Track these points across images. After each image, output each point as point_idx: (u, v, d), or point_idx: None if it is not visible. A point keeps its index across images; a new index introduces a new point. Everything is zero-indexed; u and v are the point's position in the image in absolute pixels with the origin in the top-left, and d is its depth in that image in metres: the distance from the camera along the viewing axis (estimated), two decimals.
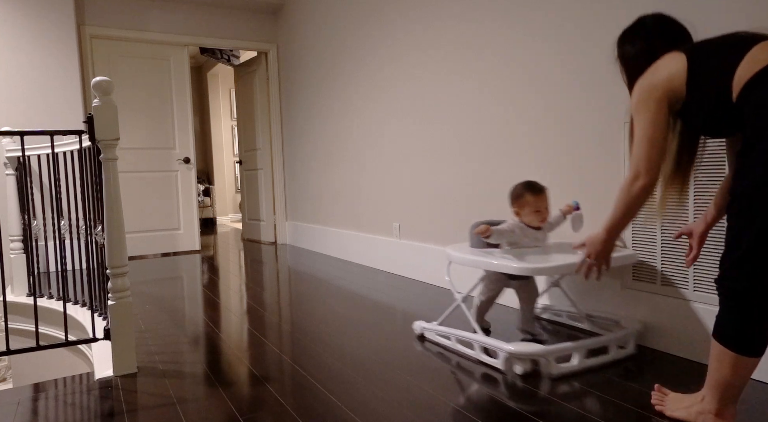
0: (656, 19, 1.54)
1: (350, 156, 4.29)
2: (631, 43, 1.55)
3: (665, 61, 1.40)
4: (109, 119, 1.92)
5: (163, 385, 1.87)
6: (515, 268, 1.87)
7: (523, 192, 2.08)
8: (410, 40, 3.43)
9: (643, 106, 1.41)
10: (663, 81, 1.37)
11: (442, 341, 2.18)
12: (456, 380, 1.84)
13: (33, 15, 4.26)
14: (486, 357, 1.95)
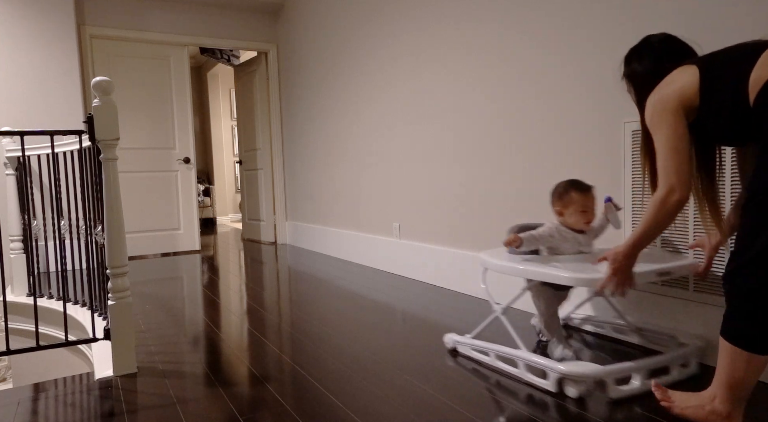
0: (663, 38, 1.57)
1: (350, 156, 4.29)
2: (638, 62, 1.58)
3: (676, 74, 1.42)
4: (109, 119, 1.92)
5: (163, 385, 1.87)
6: (566, 278, 1.62)
7: (569, 189, 1.88)
8: (410, 40, 3.43)
9: (660, 120, 1.40)
10: (676, 92, 1.39)
11: (477, 356, 1.98)
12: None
13: (33, 15, 4.27)
14: (531, 376, 1.74)
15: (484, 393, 1.71)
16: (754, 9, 1.69)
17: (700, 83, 1.35)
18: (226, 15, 5.35)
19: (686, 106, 1.38)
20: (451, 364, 1.97)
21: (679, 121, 1.38)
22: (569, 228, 1.88)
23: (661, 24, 1.97)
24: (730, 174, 1.73)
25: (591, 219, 1.88)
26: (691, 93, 1.36)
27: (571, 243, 1.89)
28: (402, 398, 1.69)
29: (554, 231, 1.88)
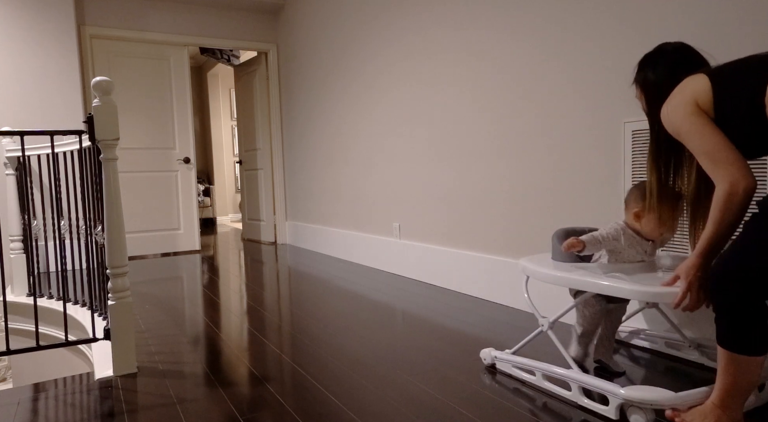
0: (677, 46, 1.55)
1: (350, 156, 4.29)
2: (652, 69, 1.55)
3: (687, 82, 1.41)
4: (109, 119, 1.92)
5: (163, 385, 1.87)
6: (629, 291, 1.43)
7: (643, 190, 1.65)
8: (411, 40, 3.43)
9: (687, 124, 1.36)
10: (691, 96, 1.37)
11: (521, 375, 1.78)
12: None
13: (33, 15, 4.27)
14: (586, 400, 1.56)
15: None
16: (747, 14, 1.69)
17: (712, 94, 1.34)
18: (226, 15, 5.35)
19: (702, 110, 1.36)
20: (453, 365, 1.97)
21: (704, 118, 1.34)
22: (637, 234, 1.67)
23: (662, 24, 1.97)
24: None
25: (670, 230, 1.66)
26: (703, 101, 1.35)
27: (636, 251, 1.69)
28: (402, 398, 1.69)
29: (620, 235, 1.67)
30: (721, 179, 1.28)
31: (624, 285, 1.45)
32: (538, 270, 1.71)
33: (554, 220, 2.48)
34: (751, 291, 1.21)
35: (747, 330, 1.24)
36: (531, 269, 1.74)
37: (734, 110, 1.30)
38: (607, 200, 2.22)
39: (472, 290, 2.99)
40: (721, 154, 1.29)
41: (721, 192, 1.28)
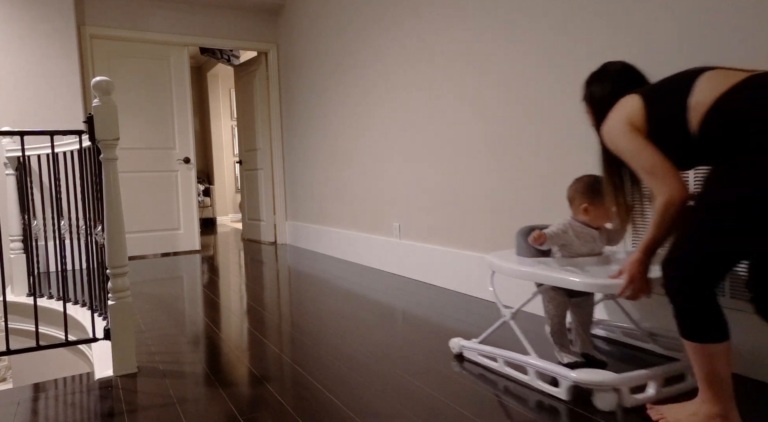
0: (620, 66, 1.66)
1: (350, 155, 4.29)
2: (597, 86, 1.67)
3: (622, 102, 1.51)
4: (109, 119, 1.92)
5: (163, 385, 1.87)
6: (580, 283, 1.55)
7: (591, 186, 1.79)
8: (410, 41, 3.43)
9: (621, 144, 1.48)
10: (625, 117, 1.47)
11: (486, 362, 1.92)
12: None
13: (33, 15, 4.27)
14: (540, 383, 1.69)
15: (490, 396, 1.71)
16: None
17: (645, 112, 1.44)
18: (226, 15, 5.35)
19: (637, 129, 1.46)
20: (453, 365, 1.97)
21: (640, 139, 1.44)
22: (583, 224, 1.81)
23: (650, 25, 1.97)
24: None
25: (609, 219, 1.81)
26: (636, 119, 1.45)
27: (584, 241, 1.80)
28: (402, 398, 1.69)
29: (568, 227, 1.81)
30: (659, 192, 1.40)
31: (575, 277, 1.58)
32: (502, 264, 1.85)
33: (554, 220, 2.48)
34: (697, 277, 1.29)
35: (703, 318, 1.29)
36: (496, 264, 1.88)
37: (664, 126, 1.41)
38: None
39: (473, 290, 2.99)
40: (657, 169, 1.40)
41: (660, 203, 1.39)
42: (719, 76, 1.32)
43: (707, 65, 1.40)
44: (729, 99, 1.27)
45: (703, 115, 1.30)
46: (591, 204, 1.78)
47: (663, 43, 1.97)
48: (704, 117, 1.30)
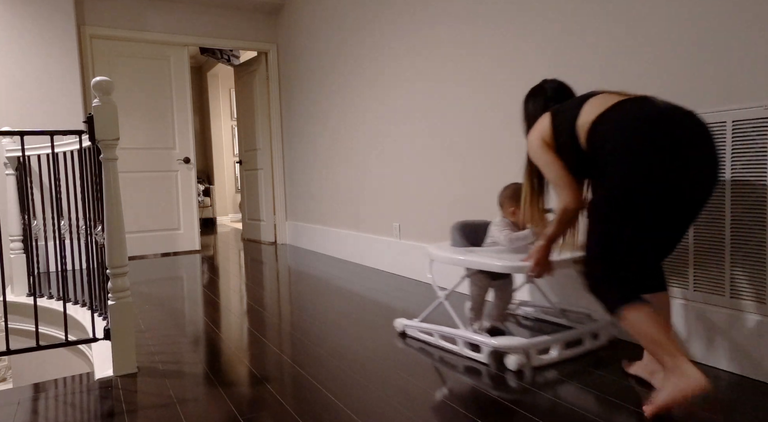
0: (554, 85, 1.91)
1: (350, 156, 4.29)
2: (532, 102, 1.93)
3: (540, 120, 1.78)
4: (109, 119, 1.92)
5: (163, 385, 1.87)
6: (500, 266, 1.93)
7: (517, 189, 2.10)
8: (410, 41, 3.43)
9: (536, 157, 1.76)
10: (538, 135, 1.75)
11: (424, 337, 2.24)
12: (447, 375, 1.87)
13: (33, 15, 4.27)
14: (470, 352, 2.03)
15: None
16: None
17: (551, 129, 1.71)
18: (226, 15, 5.35)
19: (548, 145, 1.73)
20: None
21: (548, 154, 1.72)
22: (514, 225, 2.14)
23: (653, 21, 1.97)
24: None
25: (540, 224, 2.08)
26: (547, 135, 1.73)
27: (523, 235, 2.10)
28: (402, 398, 1.69)
29: (505, 227, 2.13)
30: (560, 200, 1.71)
31: (494, 261, 1.95)
32: (438, 254, 2.17)
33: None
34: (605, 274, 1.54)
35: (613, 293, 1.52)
36: (434, 253, 2.20)
37: (563, 143, 1.67)
38: None
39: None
40: (560, 181, 1.70)
41: (560, 209, 1.72)
42: (600, 100, 1.59)
43: (597, 90, 1.70)
44: (600, 121, 1.55)
45: (586, 134, 1.58)
46: (517, 207, 2.10)
47: (666, 33, 1.97)
48: (587, 135, 1.58)
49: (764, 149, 1.67)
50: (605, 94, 1.62)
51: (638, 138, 1.45)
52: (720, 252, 1.81)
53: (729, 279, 1.80)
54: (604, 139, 1.52)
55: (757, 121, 1.68)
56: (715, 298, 1.84)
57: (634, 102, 1.53)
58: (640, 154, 1.45)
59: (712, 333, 1.86)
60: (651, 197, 1.44)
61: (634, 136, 1.46)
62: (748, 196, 1.72)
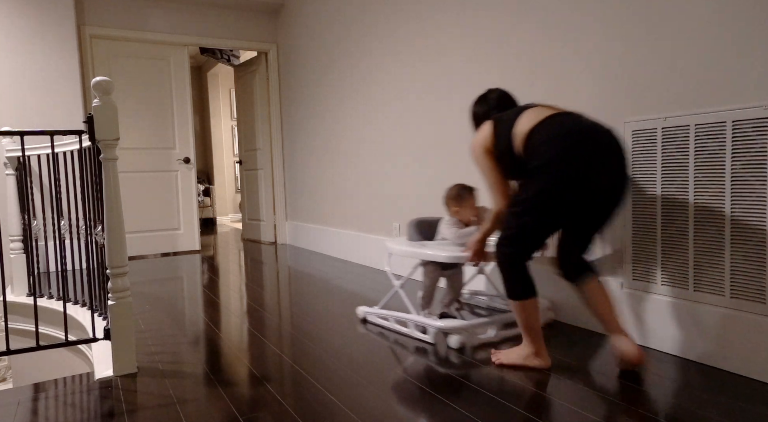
0: (499, 94, 2.13)
1: (350, 155, 4.29)
2: (478, 107, 2.16)
3: (483, 126, 2.00)
4: (109, 119, 1.92)
5: (163, 385, 1.87)
6: (444, 257, 2.22)
7: (463, 192, 2.38)
8: (410, 40, 3.43)
9: (478, 162, 1.98)
10: (480, 141, 1.96)
11: (381, 322, 2.49)
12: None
13: (33, 15, 4.27)
14: (418, 333, 2.29)
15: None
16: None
17: (493, 136, 1.92)
18: (226, 15, 5.35)
19: (489, 151, 1.94)
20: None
21: (489, 160, 1.94)
22: (460, 222, 2.40)
23: (665, 21, 1.97)
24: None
25: (477, 213, 2.39)
26: (488, 142, 1.93)
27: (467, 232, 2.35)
28: (402, 398, 1.69)
29: (455, 225, 2.39)
30: (494, 203, 1.99)
31: (440, 252, 2.23)
32: (395, 247, 2.44)
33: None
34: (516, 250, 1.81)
35: (518, 282, 1.81)
36: (391, 247, 2.47)
37: (502, 149, 1.88)
38: None
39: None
40: (495, 187, 1.96)
41: (493, 210, 2.00)
42: (536, 113, 1.82)
43: (533, 103, 1.94)
44: (535, 131, 1.77)
45: (522, 142, 1.80)
46: (459, 207, 2.37)
47: (678, 34, 1.97)
48: (522, 143, 1.80)
49: (764, 149, 1.67)
50: (540, 107, 1.85)
51: (564, 150, 1.69)
52: (720, 252, 1.81)
53: (729, 279, 1.80)
54: (536, 147, 1.75)
55: (757, 121, 1.68)
56: (714, 298, 1.84)
57: (563, 117, 1.78)
58: (563, 165, 1.69)
59: (712, 334, 1.86)
60: (560, 204, 1.73)
61: (561, 148, 1.69)
62: (748, 196, 1.72)
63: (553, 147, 1.70)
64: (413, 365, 1.99)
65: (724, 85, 1.79)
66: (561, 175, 1.69)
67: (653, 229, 2.02)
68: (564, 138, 1.70)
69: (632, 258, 2.10)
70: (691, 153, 1.87)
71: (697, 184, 1.86)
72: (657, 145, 1.97)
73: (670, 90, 1.96)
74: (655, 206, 2.00)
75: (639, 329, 2.10)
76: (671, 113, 1.94)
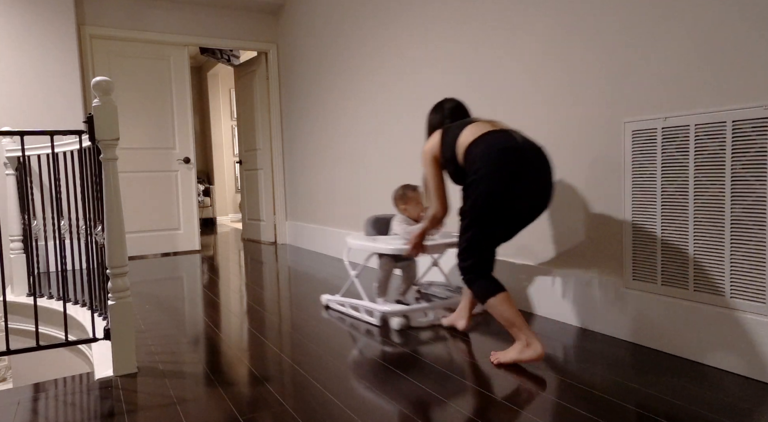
0: (453, 104, 2.27)
1: (350, 155, 4.29)
2: (433, 115, 2.30)
3: (433, 135, 2.17)
4: (109, 119, 1.92)
5: (163, 385, 1.87)
6: (389, 249, 2.48)
7: (407, 191, 2.64)
8: (410, 40, 3.43)
9: (426, 167, 2.16)
10: (429, 149, 2.14)
11: (339, 308, 2.80)
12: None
13: (33, 15, 4.27)
14: (367, 317, 2.57)
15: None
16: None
17: (440, 145, 2.09)
18: (226, 15, 5.35)
19: (436, 159, 2.12)
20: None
21: (434, 168, 2.14)
22: (410, 218, 2.64)
23: (664, 20, 1.97)
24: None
25: (423, 208, 2.58)
26: (435, 150, 2.12)
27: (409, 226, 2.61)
28: (402, 398, 1.69)
29: (404, 222, 2.62)
30: (432, 207, 2.21)
31: (387, 245, 2.48)
32: (352, 242, 2.68)
33: (557, 219, 2.48)
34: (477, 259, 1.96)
35: (480, 286, 1.95)
36: (348, 242, 2.71)
37: (447, 155, 2.05)
38: (608, 199, 2.22)
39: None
40: (437, 193, 2.17)
41: (431, 213, 2.22)
42: (477, 127, 1.99)
43: (476, 118, 2.13)
44: (474, 144, 1.94)
45: (463, 154, 1.98)
46: (406, 205, 2.63)
47: (676, 32, 1.97)
48: (463, 155, 1.97)
49: (764, 149, 1.67)
50: (482, 123, 2.03)
51: (498, 164, 1.88)
52: (720, 252, 1.81)
53: (729, 279, 1.80)
54: (474, 159, 1.91)
55: (757, 121, 1.68)
56: (714, 298, 1.84)
57: (499, 134, 1.95)
58: (498, 176, 1.87)
59: (712, 333, 1.86)
60: (498, 213, 1.91)
61: (493, 163, 1.88)
62: (748, 196, 1.72)
63: (486, 162, 1.88)
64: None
65: (724, 85, 1.79)
66: (492, 188, 1.88)
67: (653, 229, 2.02)
68: (496, 154, 1.89)
69: (632, 258, 2.11)
70: (691, 153, 1.87)
71: (697, 184, 1.86)
72: (657, 145, 1.97)
73: (670, 90, 1.96)
74: (655, 206, 2.00)
75: (639, 329, 2.10)
76: (671, 113, 1.94)
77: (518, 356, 1.91)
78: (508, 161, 1.88)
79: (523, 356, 1.90)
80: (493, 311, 1.93)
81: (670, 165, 1.94)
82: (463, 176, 2.01)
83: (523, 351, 1.90)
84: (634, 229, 2.09)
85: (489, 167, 1.87)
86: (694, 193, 1.87)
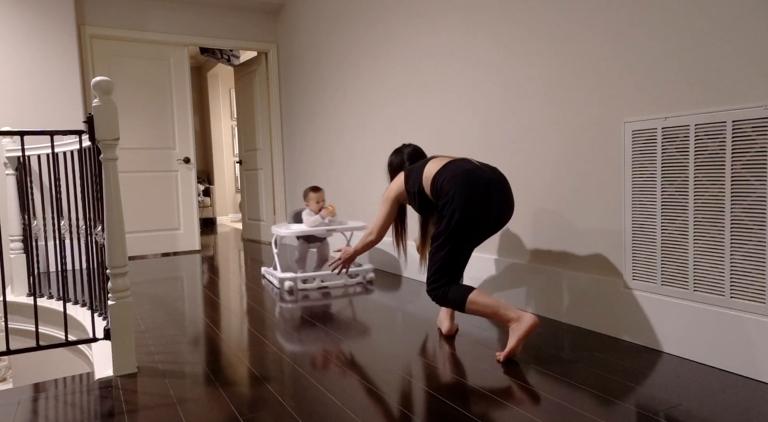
0: (412, 148, 2.58)
1: (351, 155, 4.29)
2: (394, 157, 2.60)
3: (398, 176, 2.43)
4: (109, 119, 1.92)
5: (163, 385, 1.87)
6: (284, 233, 3.36)
7: (308, 191, 3.43)
8: (409, 39, 3.43)
9: (385, 202, 2.44)
10: (394, 189, 2.41)
11: (266, 275, 3.68)
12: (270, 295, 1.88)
13: (33, 15, 4.27)
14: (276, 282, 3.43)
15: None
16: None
17: (404, 184, 2.36)
18: (226, 15, 5.35)
19: (401, 197, 2.40)
20: (458, 365, 1.97)
21: (392, 206, 2.43)
22: (312, 211, 3.41)
23: (664, 19, 1.97)
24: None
25: (322, 207, 3.40)
26: (400, 190, 2.38)
27: (314, 219, 3.39)
28: (402, 398, 1.69)
29: (311, 213, 3.39)
30: (371, 233, 2.51)
31: (292, 231, 3.35)
32: (275, 229, 3.46)
33: (557, 220, 2.48)
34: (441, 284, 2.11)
35: (454, 300, 2.07)
36: (274, 230, 3.47)
37: (415, 190, 2.29)
38: (607, 199, 2.22)
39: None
40: (381, 224, 2.46)
41: (369, 240, 2.52)
42: (438, 161, 2.22)
43: (435, 155, 2.43)
44: (439, 174, 2.15)
45: (430, 185, 2.20)
46: (307, 201, 3.43)
47: (682, 31, 1.97)
48: (430, 186, 2.19)
49: (764, 149, 1.67)
50: (440, 157, 2.27)
51: (465, 183, 2.07)
52: (720, 252, 1.81)
53: (729, 279, 1.80)
54: (443, 185, 2.12)
55: (757, 121, 1.68)
56: (714, 298, 1.84)
57: (460, 161, 2.18)
58: (467, 194, 2.06)
59: (712, 334, 1.86)
60: (471, 227, 2.08)
61: (463, 182, 2.08)
62: (748, 196, 1.72)
63: (454, 184, 2.08)
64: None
65: (724, 85, 1.79)
66: (464, 203, 2.05)
67: (653, 229, 2.02)
68: (462, 175, 2.10)
69: (632, 258, 2.11)
70: (691, 153, 1.87)
71: (697, 184, 1.86)
72: (657, 145, 1.97)
73: (670, 90, 1.96)
74: (655, 206, 2.00)
75: (639, 329, 2.10)
76: (671, 113, 1.94)
77: (518, 336, 1.95)
78: (473, 180, 2.09)
79: (522, 332, 1.94)
80: (476, 307, 2.02)
81: (670, 165, 1.94)
82: (429, 205, 2.26)
83: (518, 328, 1.95)
84: (634, 229, 2.09)
85: (457, 187, 2.07)
86: (694, 193, 1.87)
